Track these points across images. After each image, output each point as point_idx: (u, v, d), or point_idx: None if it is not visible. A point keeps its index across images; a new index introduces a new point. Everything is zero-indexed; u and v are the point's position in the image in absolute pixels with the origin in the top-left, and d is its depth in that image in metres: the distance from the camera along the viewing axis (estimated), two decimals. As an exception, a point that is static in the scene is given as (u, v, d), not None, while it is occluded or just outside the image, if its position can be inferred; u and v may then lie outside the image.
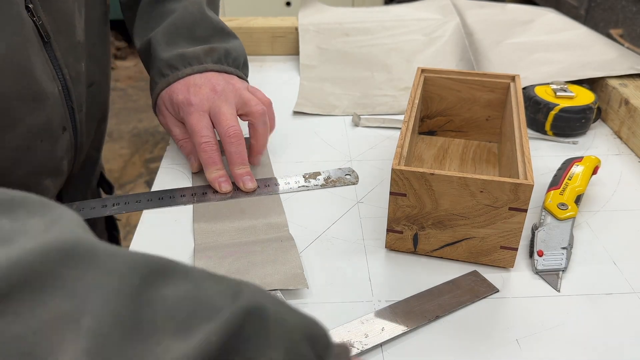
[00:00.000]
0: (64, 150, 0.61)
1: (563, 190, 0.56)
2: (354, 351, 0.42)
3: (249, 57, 0.95)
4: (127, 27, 0.74)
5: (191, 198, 0.59)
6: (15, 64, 0.51)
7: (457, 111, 0.67)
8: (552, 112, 0.70)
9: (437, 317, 0.46)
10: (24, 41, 0.51)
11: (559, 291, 0.48)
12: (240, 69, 0.66)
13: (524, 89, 0.75)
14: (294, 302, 0.47)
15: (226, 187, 0.59)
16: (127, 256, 0.27)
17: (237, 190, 0.60)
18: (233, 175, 0.60)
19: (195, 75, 0.62)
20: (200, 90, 0.61)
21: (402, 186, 0.48)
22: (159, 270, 0.27)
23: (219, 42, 0.66)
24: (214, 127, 0.60)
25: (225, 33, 0.67)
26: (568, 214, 0.54)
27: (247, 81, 0.68)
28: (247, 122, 0.62)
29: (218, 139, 0.60)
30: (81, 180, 0.72)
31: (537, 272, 0.50)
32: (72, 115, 0.61)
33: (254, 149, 0.62)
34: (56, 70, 0.57)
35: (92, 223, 0.83)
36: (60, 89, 0.58)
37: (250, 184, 0.60)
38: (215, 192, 0.60)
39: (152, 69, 0.65)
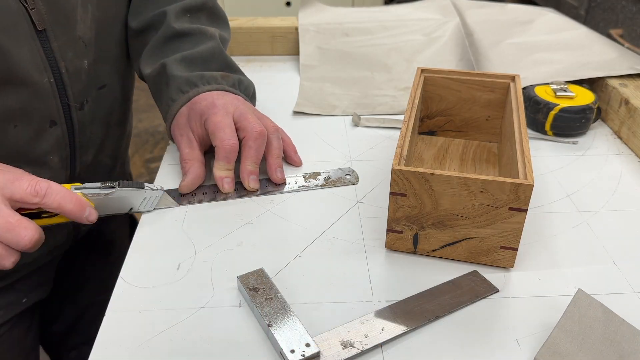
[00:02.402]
0: (52, 145, 0.60)
1: None
2: (354, 351, 0.42)
3: (249, 57, 0.96)
4: (131, 53, 0.74)
5: (191, 197, 0.59)
6: None
7: (457, 111, 0.67)
8: (552, 112, 0.70)
9: (437, 317, 0.46)
10: (8, 25, 0.52)
11: None
12: (250, 98, 0.68)
13: (524, 89, 0.75)
14: (292, 302, 0.47)
15: (229, 188, 0.60)
16: None
17: (239, 189, 0.61)
18: (241, 170, 0.60)
19: (215, 91, 0.63)
20: (225, 97, 0.62)
21: (402, 186, 0.48)
22: None
23: (232, 73, 0.68)
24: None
25: (236, 69, 0.69)
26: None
27: None
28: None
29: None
30: None
31: None
32: (68, 111, 0.61)
33: (270, 161, 0.63)
34: (50, 62, 0.57)
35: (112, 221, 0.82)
36: (52, 81, 0.58)
37: (254, 184, 0.60)
38: (216, 192, 0.60)
39: (169, 88, 0.65)
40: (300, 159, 0.66)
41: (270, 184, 0.62)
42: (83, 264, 0.82)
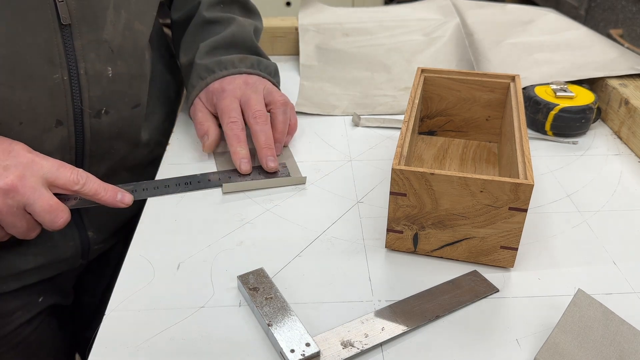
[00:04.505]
0: (55, 147, 0.59)
1: None
2: (354, 351, 0.42)
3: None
4: (174, 43, 0.79)
5: (217, 181, 0.62)
6: (8, 28, 0.51)
7: (457, 111, 0.67)
8: (552, 112, 0.70)
9: (437, 317, 0.46)
10: (27, 11, 0.51)
11: None
12: (271, 76, 0.71)
13: (523, 89, 0.75)
14: (292, 301, 0.47)
15: (246, 167, 0.62)
16: None
17: (258, 171, 0.63)
18: (258, 153, 0.62)
19: (229, 76, 0.67)
20: (234, 81, 0.66)
21: (402, 186, 0.48)
22: None
23: (251, 55, 0.71)
24: (242, 114, 0.64)
25: (259, 52, 0.72)
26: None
27: (277, 86, 0.72)
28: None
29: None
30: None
31: None
32: (80, 115, 0.59)
33: (274, 136, 0.64)
34: (69, 59, 0.56)
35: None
36: (65, 79, 0.56)
37: (272, 164, 0.62)
38: (239, 174, 0.63)
39: (192, 75, 0.68)
40: (280, 149, 0.66)
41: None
42: (102, 277, 0.82)
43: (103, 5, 0.57)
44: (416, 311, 0.46)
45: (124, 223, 0.74)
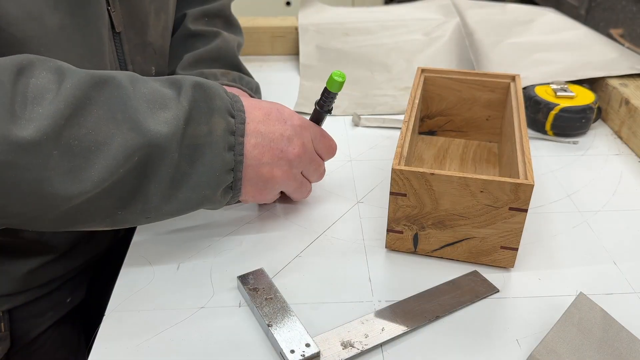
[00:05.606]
0: None
1: None
2: (354, 351, 0.42)
3: (249, 57, 0.96)
4: None
5: None
6: (91, 42, 0.53)
7: (457, 111, 0.67)
8: (553, 112, 0.70)
9: (437, 317, 0.46)
10: (101, 24, 0.54)
11: None
12: (253, 92, 0.71)
13: (524, 88, 0.75)
14: (292, 302, 0.47)
15: None
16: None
17: None
18: None
19: None
20: None
21: (402, 186, 0.48)
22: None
23: (234, 71, 0.71)
24: None
25: (241, 69, 0.72)
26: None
27: None
28: None
29: None
30: None
31: None
32: None
33: None
34: (120, 64, 0.59)
35: None
36: None
37: None
38: None
39: None
40: None
41: None
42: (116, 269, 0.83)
43: (146, 11, 0.61)
44: (416, 311, 0.46)
45: None
